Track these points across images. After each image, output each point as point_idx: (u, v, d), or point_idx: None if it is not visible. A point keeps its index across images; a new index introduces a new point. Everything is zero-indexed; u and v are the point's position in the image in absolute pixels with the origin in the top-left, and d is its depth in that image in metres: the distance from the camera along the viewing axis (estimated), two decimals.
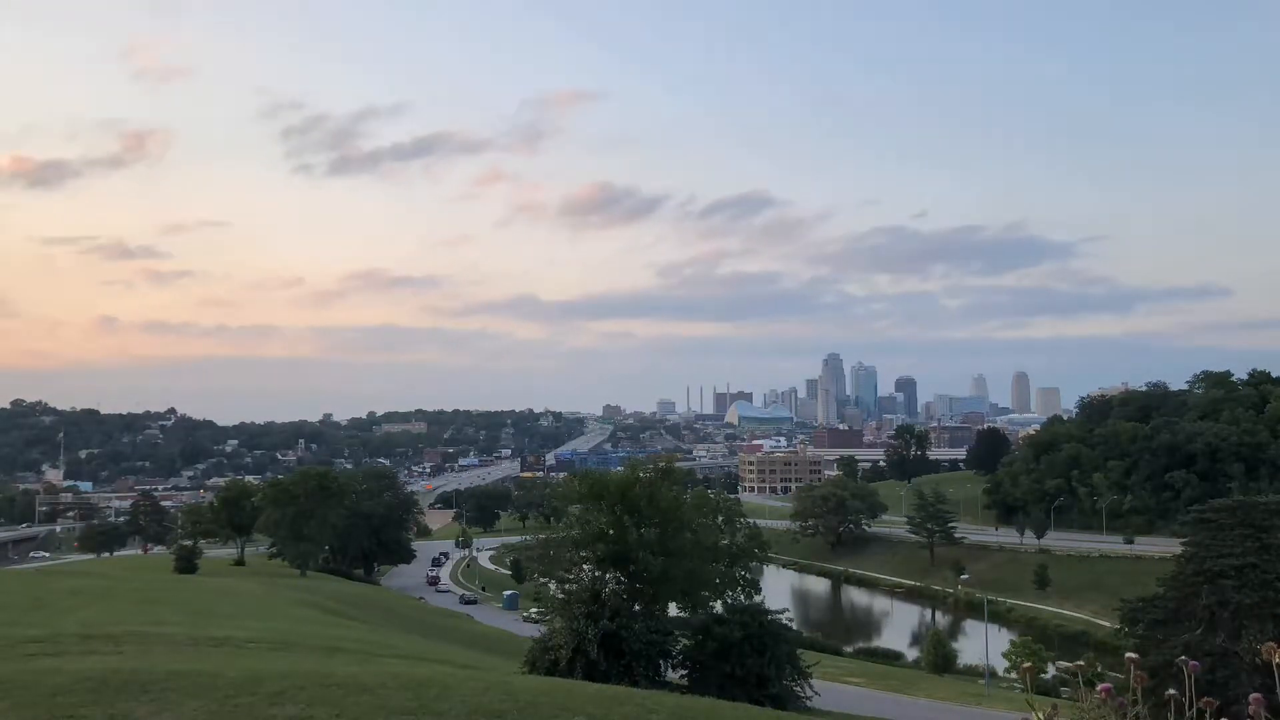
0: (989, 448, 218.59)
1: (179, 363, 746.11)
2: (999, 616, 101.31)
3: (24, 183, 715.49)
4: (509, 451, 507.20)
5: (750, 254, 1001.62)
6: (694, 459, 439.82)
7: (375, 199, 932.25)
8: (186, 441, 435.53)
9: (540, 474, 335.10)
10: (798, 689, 37.19)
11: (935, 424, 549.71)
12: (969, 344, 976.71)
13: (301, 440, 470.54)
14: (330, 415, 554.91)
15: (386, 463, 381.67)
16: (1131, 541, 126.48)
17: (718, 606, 42.67)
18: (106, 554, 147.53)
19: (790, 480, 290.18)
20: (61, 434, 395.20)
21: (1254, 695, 4.58)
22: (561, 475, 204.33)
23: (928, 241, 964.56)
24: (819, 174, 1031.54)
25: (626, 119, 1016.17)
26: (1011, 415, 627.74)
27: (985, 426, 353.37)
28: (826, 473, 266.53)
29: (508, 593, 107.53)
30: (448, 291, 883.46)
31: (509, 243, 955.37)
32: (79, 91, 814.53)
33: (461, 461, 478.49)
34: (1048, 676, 64.81)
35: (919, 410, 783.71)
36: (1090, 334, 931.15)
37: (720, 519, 51.49)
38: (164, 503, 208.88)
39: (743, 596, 46.34)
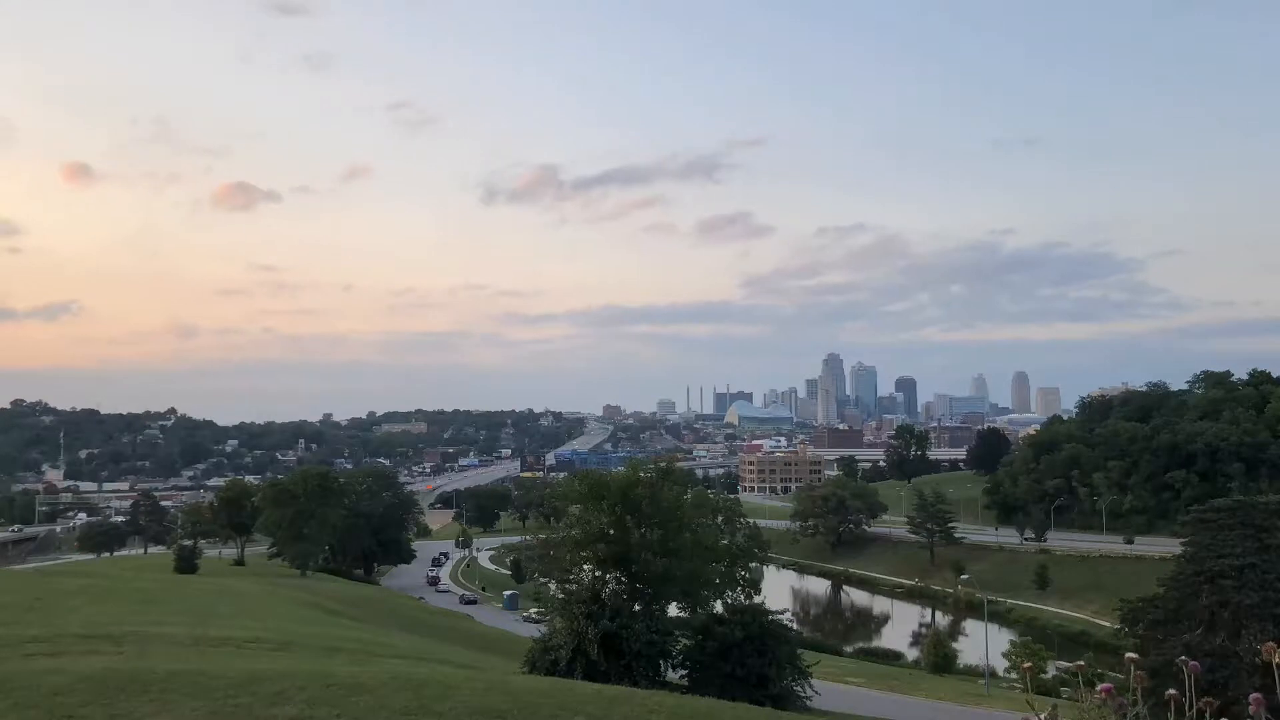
0: (989, 448, 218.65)
1: (242, 366, 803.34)
2: (999, 617, 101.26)
3: (226, 207, 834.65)
4: (509, 451, 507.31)
5: (841, 268, 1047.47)
6: (694, 459, 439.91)
7: (531, 223, 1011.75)
8: (186, 441, 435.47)
9: (540, 474, 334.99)
10: (798, 689, 37.17)
11: (935, 424, 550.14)
12: (970, 344, 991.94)
13: (301, 440, 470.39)
14: (330, 415, 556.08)
15: (386, 463, 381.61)
16: (1131, 541, 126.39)
17: (718, 606, 42.67)
18: (106, 554, 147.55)
19: (790, 480, 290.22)
20: (61, 434, 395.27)
21: (1254, 695, 4.58)
22: (561, 475, 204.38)
23: (1010, 256, 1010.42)
24: (931, 199, 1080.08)
25: (781, 158, 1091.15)
26: (1011, 415, 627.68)
27: (985, 426, 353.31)
28: (826, 473, 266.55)
29: (508, 593, 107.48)
30: (540, 301, 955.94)
31: (627, 259, 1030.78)
32: (334, 135, 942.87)
33: (461, 461, 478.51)
34: (1048, 676, 64.86)
35: (919, 410, 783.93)
36: (1112, 336, 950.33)
37: (720, 519, 51.53)
38: (164, 503, 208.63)
39: (743, 596, 46.32)
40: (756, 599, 46.80)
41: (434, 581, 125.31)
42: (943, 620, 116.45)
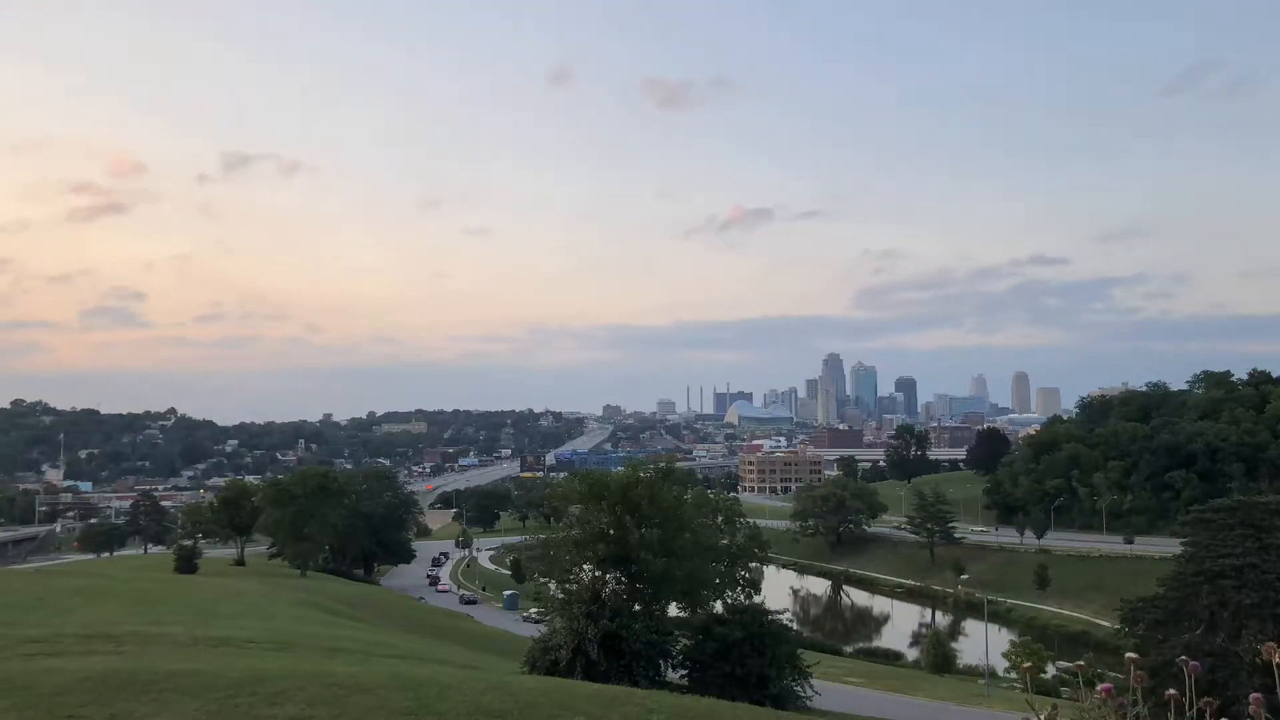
0: (989, 448, 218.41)
1: (328, 372, 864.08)
2: (999, 617, 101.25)
3: (474, 237, 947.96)
4: (509, 451, 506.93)
5: (959, 284, 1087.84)
6: (694, 459, 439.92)
7: (699, 251, 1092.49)
8: (186, 441, 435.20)
9: (540, 474, 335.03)
10: (798, 689, 37.19)
11: (935, 424, 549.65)
12: (970, 345, 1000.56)
13: (301, 440, 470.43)
14: (330, 415, 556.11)
15: (386, 463, 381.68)
16: (1131, 541, 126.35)
17: (718, 606, 42.68)
18: (106, 554, 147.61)
19: (790, 480, 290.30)
20: (61, 434, 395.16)
21: (1254, 695, 4.57)
22: (561, 475, 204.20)
23: (1106, 278, 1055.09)
24: (1072, 231, 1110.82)
25: (953, 209, 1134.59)
26: (1012, 415, 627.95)
27: (985, 426, 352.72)
28: (826, 473, 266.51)
29: (508, 593, 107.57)
30: (640, 314, 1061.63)
31: (762, 281, 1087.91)
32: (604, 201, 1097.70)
33: (461, 461, 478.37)
34: (1048, 676, 64.87)
35: (919, 410, 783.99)
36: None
37: (720, 519, 51.55)
38: (164, 503, 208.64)
39: (743, 596, 46.36)
40: (756, 599, 46.83)
41: (434, 581, 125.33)
42: (943, 620, 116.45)
